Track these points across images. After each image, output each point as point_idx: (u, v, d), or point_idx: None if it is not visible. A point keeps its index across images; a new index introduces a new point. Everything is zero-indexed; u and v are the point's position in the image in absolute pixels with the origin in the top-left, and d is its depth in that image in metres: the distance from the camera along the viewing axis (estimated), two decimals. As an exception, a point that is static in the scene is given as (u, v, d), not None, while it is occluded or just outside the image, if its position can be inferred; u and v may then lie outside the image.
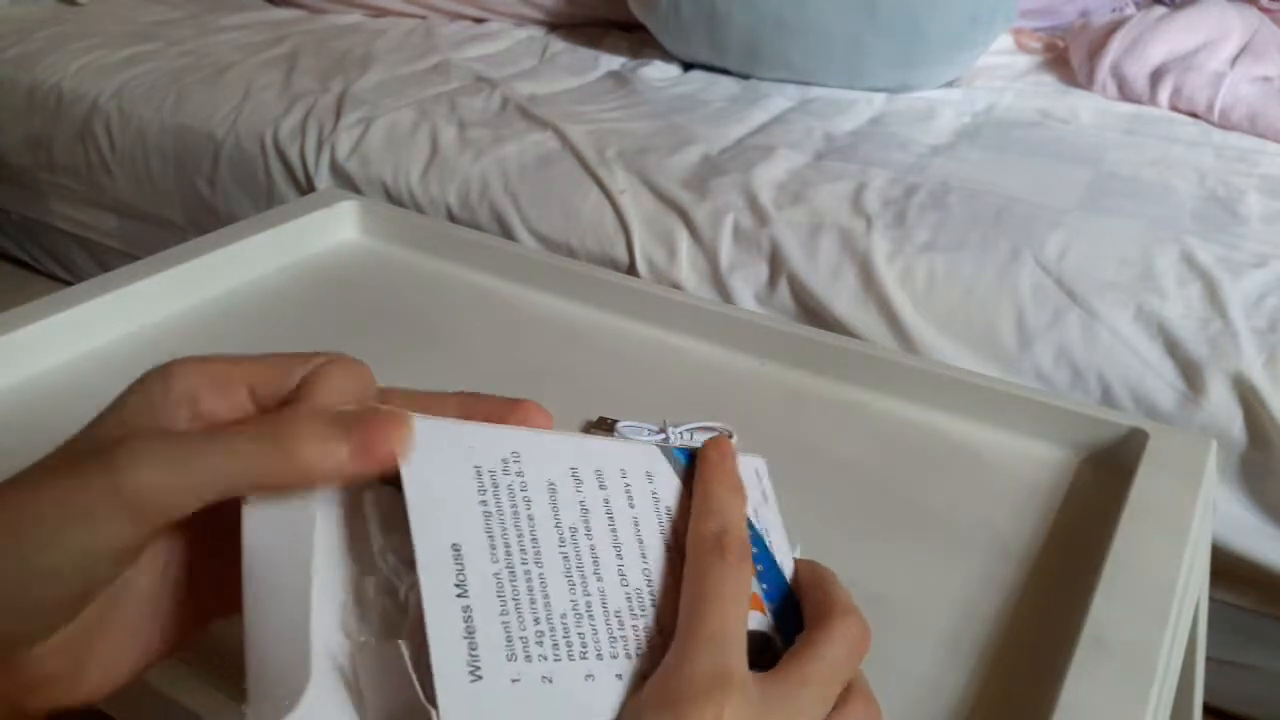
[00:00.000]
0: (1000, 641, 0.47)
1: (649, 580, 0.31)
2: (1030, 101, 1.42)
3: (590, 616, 0.29)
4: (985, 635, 0.48)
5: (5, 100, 1.61)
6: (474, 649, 0.26)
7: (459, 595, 0.27)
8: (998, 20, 1.42)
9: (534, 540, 0.29)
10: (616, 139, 1.25)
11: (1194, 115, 1.37)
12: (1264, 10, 1.52)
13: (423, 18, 1.79)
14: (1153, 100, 1.40)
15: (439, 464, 0.29)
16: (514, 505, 0.30)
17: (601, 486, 0.32)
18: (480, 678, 0.26)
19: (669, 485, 0.34)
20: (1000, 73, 1.54)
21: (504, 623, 0.27)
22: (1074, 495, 0.57)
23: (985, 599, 0.50)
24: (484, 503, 0.29)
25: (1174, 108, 1.38)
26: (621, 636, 0.30)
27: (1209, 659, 0.69)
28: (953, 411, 0.63)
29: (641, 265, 1.11)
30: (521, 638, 0.27)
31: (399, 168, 1.27)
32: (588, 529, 0.31)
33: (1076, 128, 1.34)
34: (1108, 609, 0.45)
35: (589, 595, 0.30)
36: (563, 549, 0.30)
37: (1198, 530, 0.53)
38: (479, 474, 0.30)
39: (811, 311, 1.05)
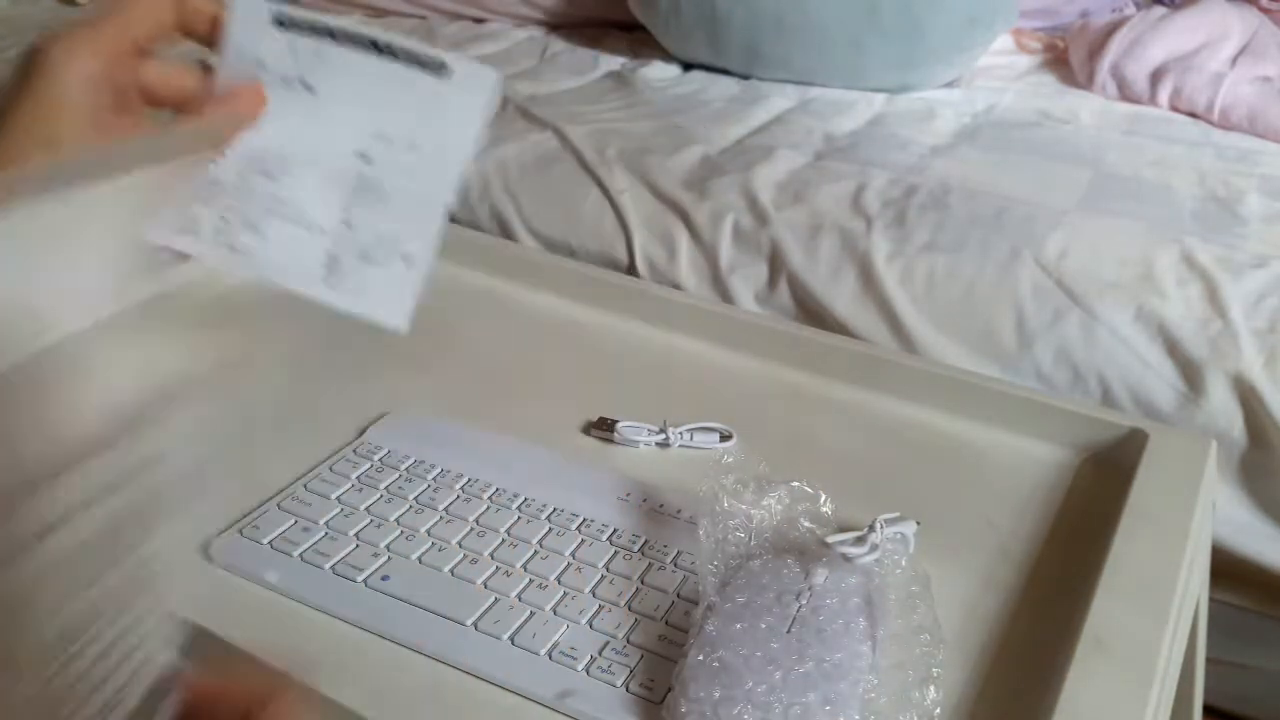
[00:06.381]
0: (1000, 641, 0.47)
1: None
2: (1030, 102, 1.42)
3: None
4: (985, 635, 0.48)
5: (5, 100, 1.61)
6: None
7: None
8: (998, 21, 1.42)
9: None
10: (616, 139, 1.25)
11: (1194, 115, 1.36)
12: (1264, 10, 1.52)
13: (423, 18, 1.79)
14: (1153, 100, 1.40)
15: None
16: None
17: None
18: None
19: None
20: (1000, 73, 1.54)
21: None
22: (1074, 495, 0.57)
23: (985, 599, 0.50)
24: None
25: (1174, 108, 1.38)
26: None
27: (1209, 659, 0.69)
28: (953, 411, 0.63)
29: (641, 265, 1.11)
30: None
31: (399, 168, 1.27)
32: None
33: (1076, 128, 1.34)
34: (1108, 609, 0.45)
35: None
36: None
37: (1198, 530, 0.53)
38: None
39: (811, 311, 1.05)
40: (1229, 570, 0.93)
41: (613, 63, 1.59)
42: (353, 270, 0.44)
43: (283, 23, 0.42)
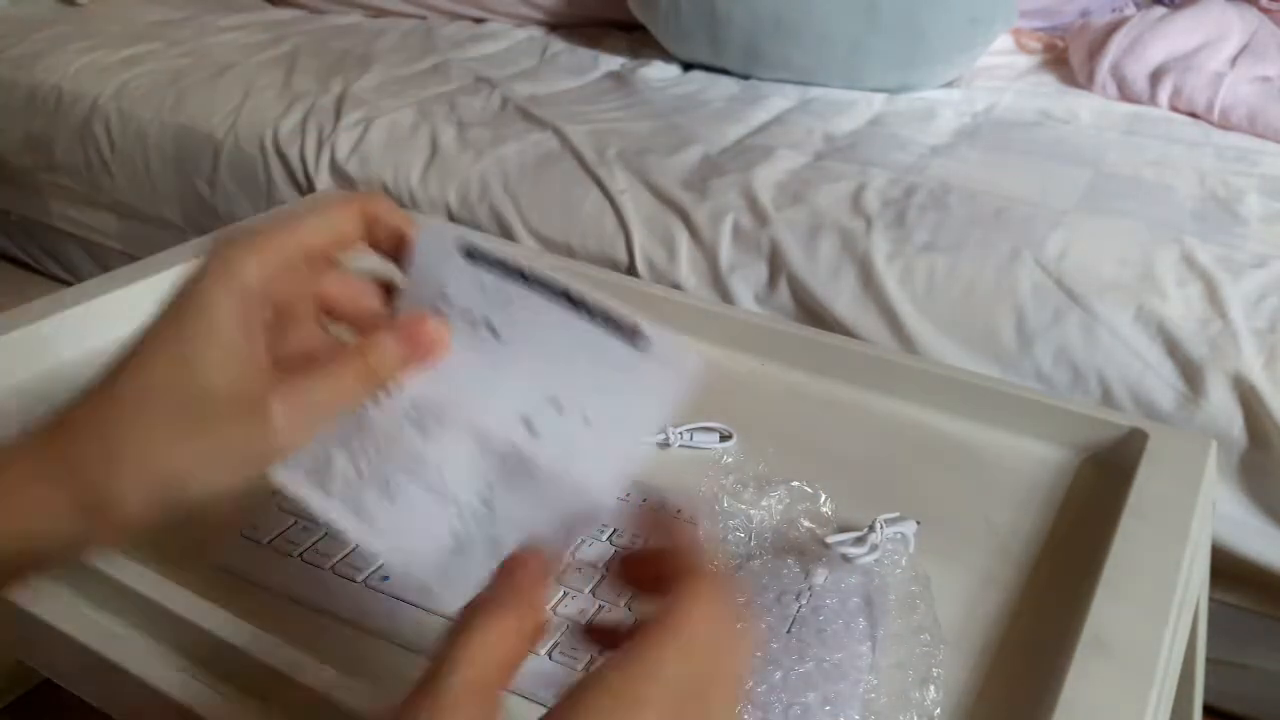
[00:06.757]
0: (1000, 641, 0.47)
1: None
2: (1030, 101, 1.42)
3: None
4: (985, 635, 0.48)
5: (5, 100, 1.61)
6: None
7: None
8: (998, 21, 1.42)
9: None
10: (616, 139, 1.25)
11: (1194, 115, 1.36)
12: (1264, 10, 1.52)
13: (422, 18, 1.79)
14: (1153, 100, 1.40)
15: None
16: None
17: None
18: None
19: None
20: (1000, 73, 1.54)
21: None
22: (1074, 495, 0.57)
23: (985, 599, 0.50)
24: None
25: (1174, 108, 1.38)
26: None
27: (1209, 659, 0.69)
28: (953, 411, 0.63)
29: (641, 265, 1.11)
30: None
31: (399, 168, 1.27)
32: None
33: (1076, 128, 1.34)
34: (1108, 609, 0.45)
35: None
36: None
37: (1198, 530, 0.53)
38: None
39: (811, 311, 1.05)
40: (1229, 570, 0.93)
41: (613, 63, 1.59)
42: (479, 560, 0.35)
43: (471, 254, 0.37)
